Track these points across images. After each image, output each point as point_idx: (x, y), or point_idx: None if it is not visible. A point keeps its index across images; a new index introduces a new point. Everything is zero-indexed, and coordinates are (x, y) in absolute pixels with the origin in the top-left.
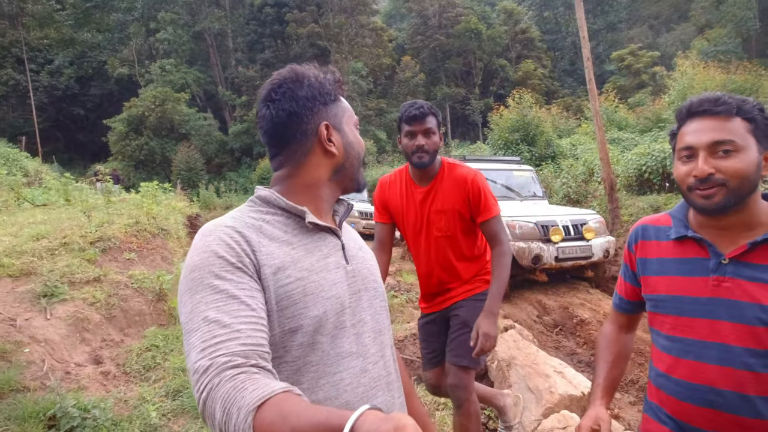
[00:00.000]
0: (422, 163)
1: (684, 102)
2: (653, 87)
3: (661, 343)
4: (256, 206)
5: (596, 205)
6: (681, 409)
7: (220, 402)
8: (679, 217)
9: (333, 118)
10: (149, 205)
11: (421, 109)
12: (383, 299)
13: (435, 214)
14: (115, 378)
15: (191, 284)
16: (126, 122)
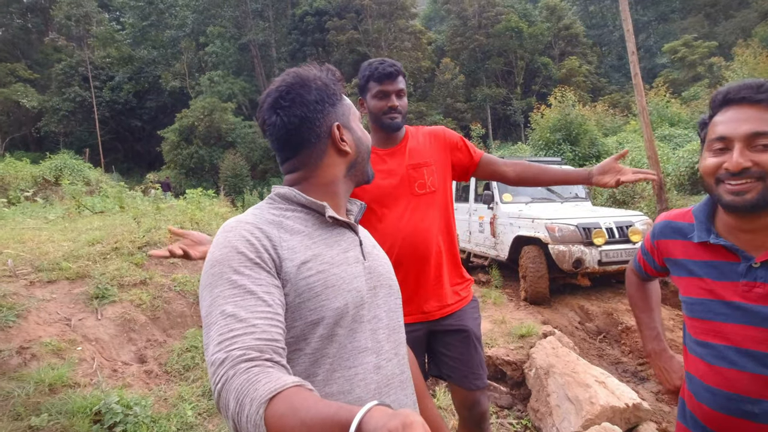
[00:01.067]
0: (396, 124)
1: (722, 87)
2: (710, 79)
3: (694, 349)
4: (276, 203)
5: (644, 207)
6: (715, 419)
7: (233, 393)
8: (702, 219)
9: (342, 117)
10: (193, 211)
11: (395, 67)
12: (398, 297)
13: (414, 169)
14: (157, 377)
15: (211, 279)
16: (178, 132)
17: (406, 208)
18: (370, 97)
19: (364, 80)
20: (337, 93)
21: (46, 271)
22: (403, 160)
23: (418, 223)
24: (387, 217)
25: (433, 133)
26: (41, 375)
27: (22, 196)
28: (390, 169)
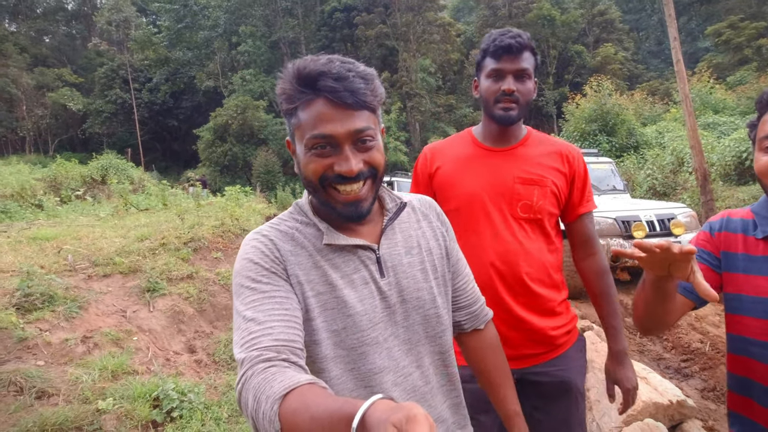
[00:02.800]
0: (508, 117)
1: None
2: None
3: (748, 350)
4: (295, 213)
5: (687, 198)
6: None
7: (252, 392)
8: (764, 215)
9: (291, 133)
10: (232, 207)
11: (518, 39)
12: (431, 307)
13: (523, 185)
14: (206, 366)
15: (235, 288)
16: (212, 131)
17: (505, 229)
18: (483, 78)
19: (481, 55)
20: (285, 102)
21: (101, 266)
22: (510, 168)
23: (518, 252)
24: (478, 234)
25: (563, 151)
26: (104, 362)
27: (73, 195)
28: (492, 173)
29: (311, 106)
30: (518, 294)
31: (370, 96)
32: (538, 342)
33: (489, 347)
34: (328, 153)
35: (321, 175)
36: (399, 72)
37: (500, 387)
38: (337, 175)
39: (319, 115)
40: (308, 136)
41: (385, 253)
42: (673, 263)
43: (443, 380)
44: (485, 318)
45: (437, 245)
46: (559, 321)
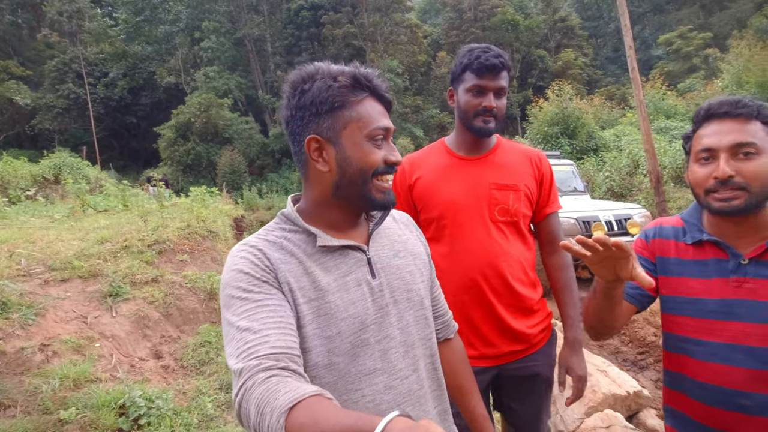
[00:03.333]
0: (488, 130)
1: (703, 103)
2: (705, 71)
3: (682, 347)
4: (281, 223)
5: (642, 199)
6: (709, 414)
7: (254, 403)
8: (692, 221)
9: (327, 130)
10: (199, 209)
11: (500, 59)
12: (420, 308)
13: (498, 191)
14: (174, 371)
15: (225, 300)
16: (174, 129)
17: (485, 234)
18: (462, 91)
19: (460, 69)
20: (330, 101)
21: (59, 270)
22: (486, 176)
23: (499, 254)
24: (462, 239)
25: (532, 156)
26: (65, 371)
27: (23, 196)
28: (469, 181)
29: (368, 102)
30: (501, 295)
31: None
32: (518, 341)
33: (459, 356)
34: (380, 145)
35: (378, 165)
36: None
37: (469, 394)
38: (390, 165)
39: (377, 110)
40: (374, 127)
41: (374, 255)
42: (617, 263)
43: (434, 385)
44: (454, 328)
45: (422, 251)
46: (536, 319)
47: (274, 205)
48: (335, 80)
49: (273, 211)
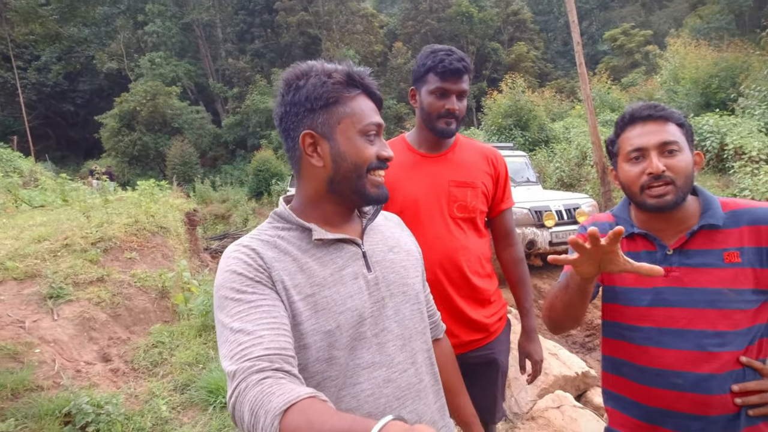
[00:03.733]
0: (450, 131)
1: (625, 109)
2: (646, 66)
3: (621, 333)
4: (274, 222)
5: (589, 189)
6: (646, 394)
7: (248, 405)
8: (623, 217)
9: (322, 125)
10: (147, 203)
11: (464, 63)
12: (416, 302)
13: (457, 188)
14: (125, 374)
15: (218, 302)
16: (118, 118)
17: (444, 229)
18: (426, 92)
19: (424, 70)
20: (325, 97)
21: None
22: (445, 173)
23: (458, 249)
24: (422, 235)
25: (488, 155)
26: (1, 380)
27: None
28: (429, 178)
29: (360, 99)
30: (460, 288)
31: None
32: (477, 330)
33: (448, 356)
34: (373, 141)
35: (371, 161)
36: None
37: (458, 395)
38: (382, 160)
39: (369, 107)
40: (367, 123)
41: (369, 249)
42: (603, 258)
43: (432, 379)
44: (443, 328)
45: (414, 249)
46: (493, 309)
47: (228, 198)
48: (330, 77)
49: (228, 204)
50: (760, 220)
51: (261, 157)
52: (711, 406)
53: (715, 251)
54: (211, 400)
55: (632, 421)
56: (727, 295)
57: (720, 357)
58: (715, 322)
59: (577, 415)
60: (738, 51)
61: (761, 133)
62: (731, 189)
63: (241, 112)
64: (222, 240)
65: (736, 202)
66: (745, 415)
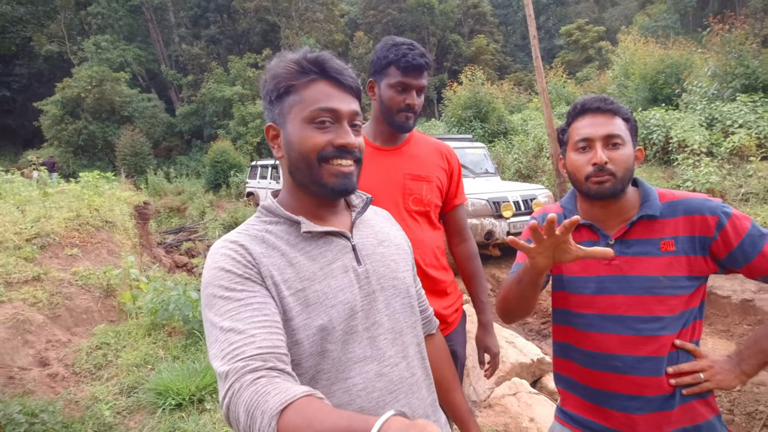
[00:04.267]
0: (407, 125)
1: (577, 100)
2: (599, 62)
3: (568, 320)
4: (262, 216)
5: (545, 180)
6: (590, 376)
7: (243, 406)
8: (569, 207)
9: (278, 116)
10: (91, 196)
11: (425, 59)
12: (407, 295)
13: (413, 181)
14: (64, 379)
15: (206, 300)
16: (60, 105)
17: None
18: (386, 86)
19: (385, 63)
20: (277, 88)
21: None
22: (400, 166)
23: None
24: None
25: (442, 150)
26: None
27: None
28: (384, 170)
29: (316, 84)
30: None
31: (359, 88)
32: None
33: (442, 351)
34: (327, 128)
35: (321, 149)
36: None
37: (453, 391)
38: (337, 148)
39: (325, 92)
40: (313, 108)
41: (359, 242)
42: (557, 248)
43: (423, 374)
44: (436, 323)
45: (404, 243)
46: (450, 300)
47: (184, 190)
48: (285, 67)
49: (183, 197)
50: (693, 210)
51: (218, 148)
52: (647, 386)
53: (652, 240)
54: (160, 402)
55: (580, 401)
56: (663, 282)
57: (656, 340)
58: (651, 308)
59: (532, 401)
60: (682, 49)
61: (702, 127)
62: (675, 180)
63: (197, 100)
64: (177, 234)
65: (673, 193)
66: (679, 394)
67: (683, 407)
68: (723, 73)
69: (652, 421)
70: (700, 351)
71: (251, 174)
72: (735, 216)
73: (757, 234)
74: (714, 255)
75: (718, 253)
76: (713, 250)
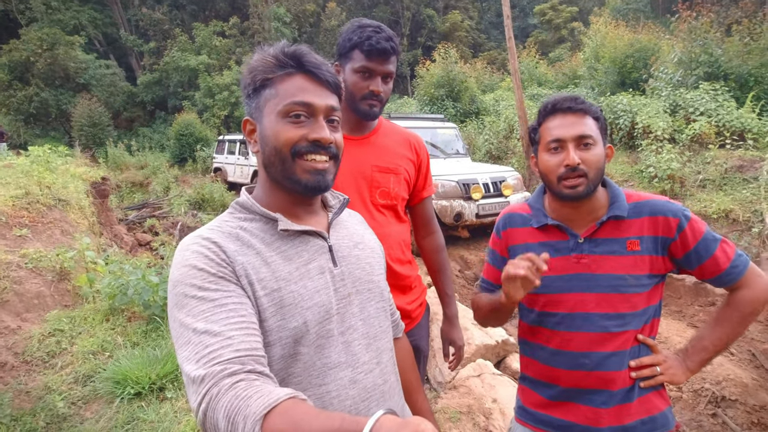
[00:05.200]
0: (373, 113)
1: (548, 99)
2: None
3: (535, 319)
4: (236, 212)
5: (515, 162)
6: (555, 375)
7: (222, 412)
8: (537, 207)
9: (254, 110)
10: (41, 173)
11: (391, 43)
12: (381, 300)
13: (380, 173)
14: (14, 369)
15: (176, 299)
16: (7, 69)
17: (366, 215)
18: (350, 70)
19: (349, 46)
20: (254, 82)
21: None
22: (368, 158)
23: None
24: None
25: (412, 141)
26: None
27: None
28: (351, 161)
29: (292, 78)
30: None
31: (338, 84)
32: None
33: (408, 356)
34: (302, 123)
35: (294, 144)
36: (250, 19)
37: (415, 392)
38: (311, 143)
39: (301, 86)
40: (287, 102)
41: (335, 243)
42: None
43: (395, 379)
44: (402, 327)
45: (378, 247)
46: (414, 295)
47: (147, 164)
48: (263, 60)
49: (146, 171)
50: (657, 212)
51: (183, 120)
52: (613, 381)
53: (619, 240)
54: (118, 391)
55: (544, 400)
56: (628, 280)
57: (620, 336)
58: (617, 305)
59: (495, 382)
60: (651, 33)
61: (666, 114)
62: (639, 165)
63: (160, 69)
64: (140, 210)
65: (639, 195)
66: (638, 387)
67: (641, 399)
68: (688, 60)
69: (614, 414)
70: (657, 346)
71: (218, 149)
72: (693, 219)
73: (711, 238)
74: (672, 255)
75: (675, 253)
76: (672, 251)
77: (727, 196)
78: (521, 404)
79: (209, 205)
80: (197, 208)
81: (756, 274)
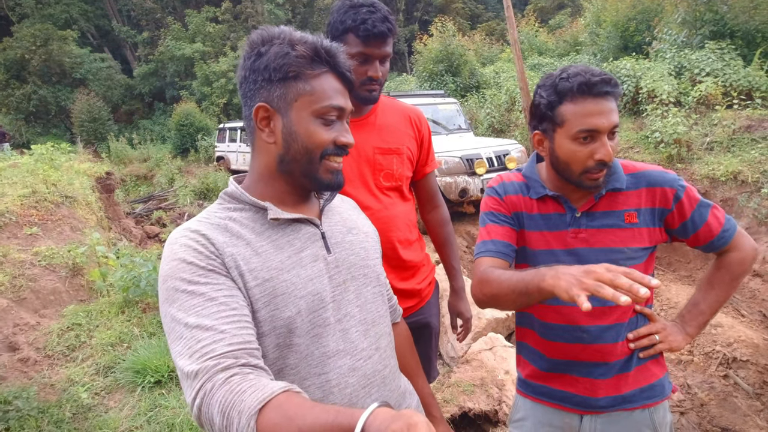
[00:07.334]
0: (372, 98)
1: (569, 70)
2: (572, 8)
3: None
4: (225, 203)
5: (518, 135)
6: (554, 348)
7: (217, 407)
8: (534, 178)
9: (278, 99)
10: (46, 170)
11: (387, 24)
12: (377, 284)
13: (382, 155)
14: (37, 363)
15: (166, 294)
16: (3, 68)
17: (371, 200)
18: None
19: (342, 29)
20: (284, 69)
21: None
22: (369, 140)
23: (387, 220)
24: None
25: (412, 117)
26: None
27: None
28: (358, 151)
29: (326, 78)
30: (390, 258)
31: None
32: (411, 297)
33: (406, 341)
34: (332, 125)
35: (326, 146)
36: (243, 2)
37: (415, 377)
38: (339, 147)
39: (335, 88)
40: (325, 105)
41: (328, 230)
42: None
43: (395, 364)
44: (400, 312)
45: (373, 231)
46: (423, 275)
47: (150, 156)
48: (293, 48)
49: (150, 164)
50: (654, 183)
51: (183, 110)
52: (611, 353)
53: (617, 212)
54: (139, 380)
55: (542, 372)
56: (627, 253)
57: (618, 309)
58: None
59: (507, 354)
60: None
61: (671, 77)
62: (644, 131)
63: (155, 59)
64: (147, 202)
65: (635, 165)
66: (636, 357)
67: (639, 368)
68: (692, 19)
69: (612, 384)
70: (654, 315)
71: (220, 137)
72: (689, 189)
73: (704, 205)
74: (667, 225)
75: (672, 224)
76: (668, 221)
77: (736, 158)
78: (521, 377)
79: (214, 195)
80: (203, 198)
81: (742, 235)
